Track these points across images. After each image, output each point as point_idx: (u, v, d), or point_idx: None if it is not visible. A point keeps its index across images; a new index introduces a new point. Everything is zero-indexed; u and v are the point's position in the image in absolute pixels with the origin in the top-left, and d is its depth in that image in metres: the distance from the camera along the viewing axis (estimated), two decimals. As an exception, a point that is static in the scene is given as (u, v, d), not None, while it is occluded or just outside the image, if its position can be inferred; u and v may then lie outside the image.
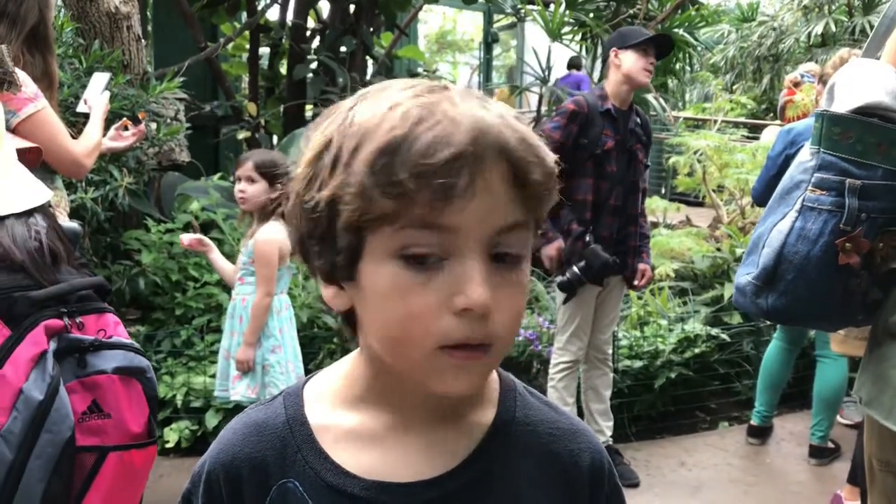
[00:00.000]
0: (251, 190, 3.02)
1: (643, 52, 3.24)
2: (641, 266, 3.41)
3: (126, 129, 3.07)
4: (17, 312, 1.29)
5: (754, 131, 8.31)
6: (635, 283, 3.42)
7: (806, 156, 1.09)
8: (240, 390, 3.04)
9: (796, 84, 4.75)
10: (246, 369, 3.01)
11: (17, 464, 1.25)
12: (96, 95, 2.94)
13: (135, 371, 1.37)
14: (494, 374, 0.79)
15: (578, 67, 10.25)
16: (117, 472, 1.35)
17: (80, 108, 3.03)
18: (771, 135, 5.06)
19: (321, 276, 0.71)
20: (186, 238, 3.20)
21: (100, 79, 3.05)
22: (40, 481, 1.27)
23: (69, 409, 1.30)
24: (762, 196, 3.29)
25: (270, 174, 3.02)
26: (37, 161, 1.71)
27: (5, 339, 1.27)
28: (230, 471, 0.75)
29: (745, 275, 1.16)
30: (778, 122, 6.71)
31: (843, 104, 1.05)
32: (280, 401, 0.77)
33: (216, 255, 3.23)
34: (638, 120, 3.37)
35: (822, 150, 1.06)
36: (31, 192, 1.37)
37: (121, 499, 1.37)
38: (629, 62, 3.24)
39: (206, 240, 3.24)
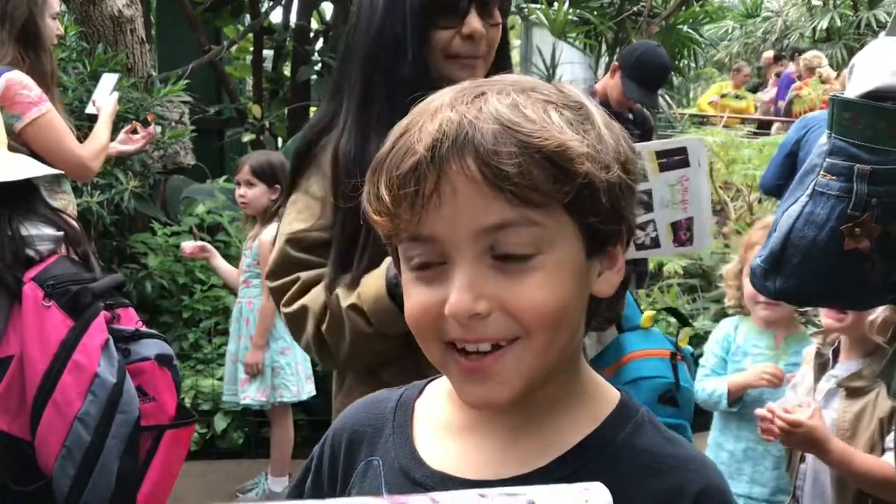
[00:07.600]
0: (251, 194, 3.03)
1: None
2: None
3: (135, 132, 3.08)
4: (80, 303, 1.42)
5: (762, 127, 8.28)
6: None
7: (823, 139, 1.08)
8: (249, 394, 3.03)
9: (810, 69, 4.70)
10: (255, 372, 3.00)
11: (94, 444, 1.39)
12: (105, 96, 2.94)
13: (167, 358, 1.52)
14: (610, 395, 0.73)
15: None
16: (170, 449, 1.50)
17: (89, 109, 3.03)
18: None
19: None
20: (188, 246, 3.21)
21: (108, 80, 3.05)
22: (115, 459, 1.42)
23: (134, 391, 1.44)
24: (768, 182, 3.31)
25: (268, 176, 3.04)
26: None
27: (70, 329, 1.39)
28: (336, 437, 0.79)
29: (757, 257, 1.16)
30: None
31: (853, 88, 1.05)
32: (407, 387, 0.79)
33: (219, 261, 3.23)
34: (630, 116, 3.34)
35: (833, 134, 1.06)
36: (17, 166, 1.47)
37: (170, 473, 1.53)
38: (617, 87, 3.21)
39: (208, 246, 3.25)
